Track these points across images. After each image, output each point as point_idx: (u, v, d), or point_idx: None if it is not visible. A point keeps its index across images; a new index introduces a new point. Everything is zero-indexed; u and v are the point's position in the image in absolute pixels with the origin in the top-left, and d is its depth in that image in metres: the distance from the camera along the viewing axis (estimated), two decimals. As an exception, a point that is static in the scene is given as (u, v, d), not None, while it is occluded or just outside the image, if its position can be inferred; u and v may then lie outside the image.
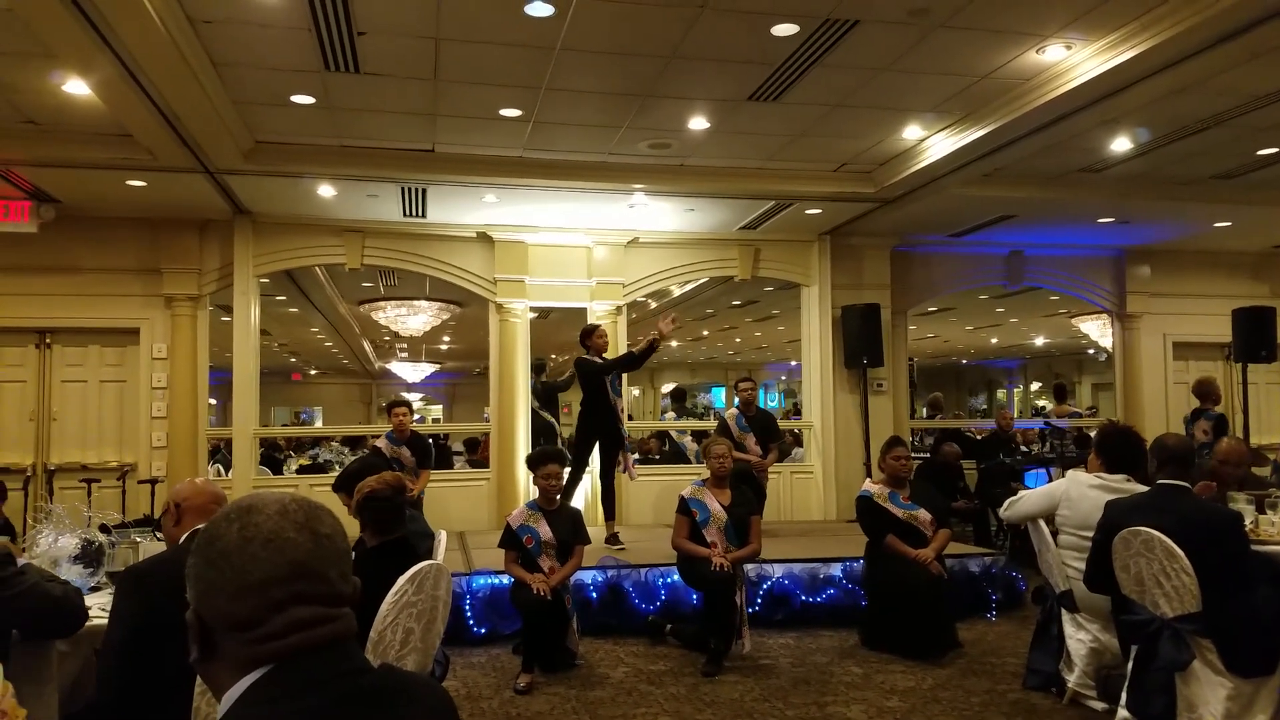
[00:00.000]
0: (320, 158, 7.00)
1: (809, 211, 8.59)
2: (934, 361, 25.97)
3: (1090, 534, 4.20)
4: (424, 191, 7.63)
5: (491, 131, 6.60)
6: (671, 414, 12.65)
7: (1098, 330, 14.42)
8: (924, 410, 12.75)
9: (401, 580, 3.12)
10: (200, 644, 1.06)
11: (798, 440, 10.82)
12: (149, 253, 8.40)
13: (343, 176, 7.21)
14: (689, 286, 12.86)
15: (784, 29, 5.05)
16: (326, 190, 7.56)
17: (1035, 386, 26.46)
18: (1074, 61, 5.48)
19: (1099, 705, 4.32)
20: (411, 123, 6.43)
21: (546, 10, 4.71)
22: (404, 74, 5.56)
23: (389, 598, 3.09)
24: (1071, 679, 4.46)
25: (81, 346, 8.52)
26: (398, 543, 3.60)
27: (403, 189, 7.55)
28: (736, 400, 8.06)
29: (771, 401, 25.82)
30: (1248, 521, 4.25)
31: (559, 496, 5.45)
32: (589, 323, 7.68)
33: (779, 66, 5.58)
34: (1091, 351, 21.16)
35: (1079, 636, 4.46)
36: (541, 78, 5.62)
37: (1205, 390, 8.01)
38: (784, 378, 27.71)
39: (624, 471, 7.18)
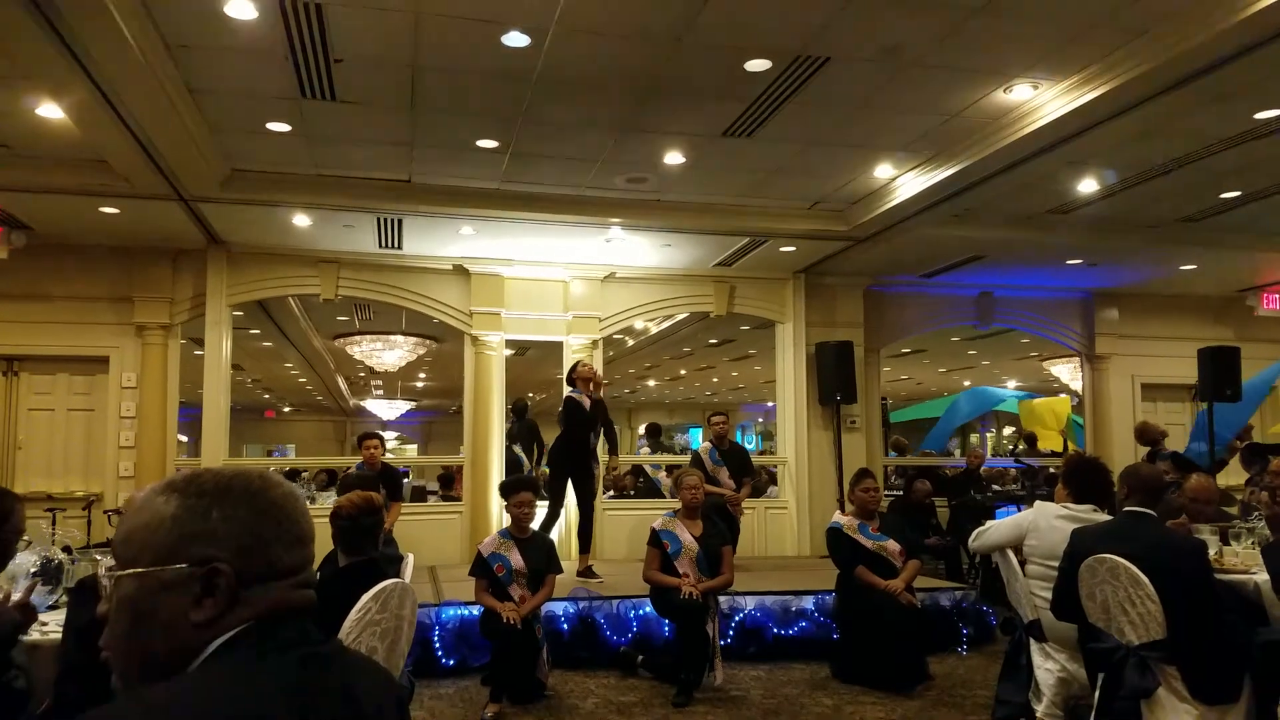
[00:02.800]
0: (296, 187, 7.01)
1: (783, 249, 8.68)
2: (908, 405, 26.13)
3: (1058, 563, 4.22)
4: (400, 223, 7.64)
5: (468, 163, 6.65)
6: (646, 449, 12.61)
7: (1069, 374, 14.59)
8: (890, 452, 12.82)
9: (365, 598, 3.08)
10: (220, 598, 1.04)
11: (773, 479, 10.82)
12: (121, 281, 8.33)
13: (318, 206, 7.21)
14: (666, 324, 12.93)
15: (757, 65, 5.15)
16: (302, 220, 7.56)
17: (1008, 431, 26.63)
18: (1040, 101, 5.62)
19: (1067, 736, 4.30)
20: (388, 153, 6.47)
21: (523, 41, 4.79)
22: (380, 103, 5.61)
23: (352, 615, 3.05)
24: (1040, 709, 4.43)
25: (50, 375, 8.41)
26: (367, 564, 3.53)
27: (379, 220, 7.56)
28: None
29: (749, 444, 25.83)
30: (1212, 552, 4.29)
31: (533, 527, 5.43)
32: (576, 359, 7.91)
33: (753, 102, 5.68)
34: (1063, 395, 21.37)
35: (1047, 666, 4.45)
36: (519, 109, 5.69)
37: (1147, 434, 8.13)
38: (761, 419, 27.75)
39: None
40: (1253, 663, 3.81)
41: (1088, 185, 7.21)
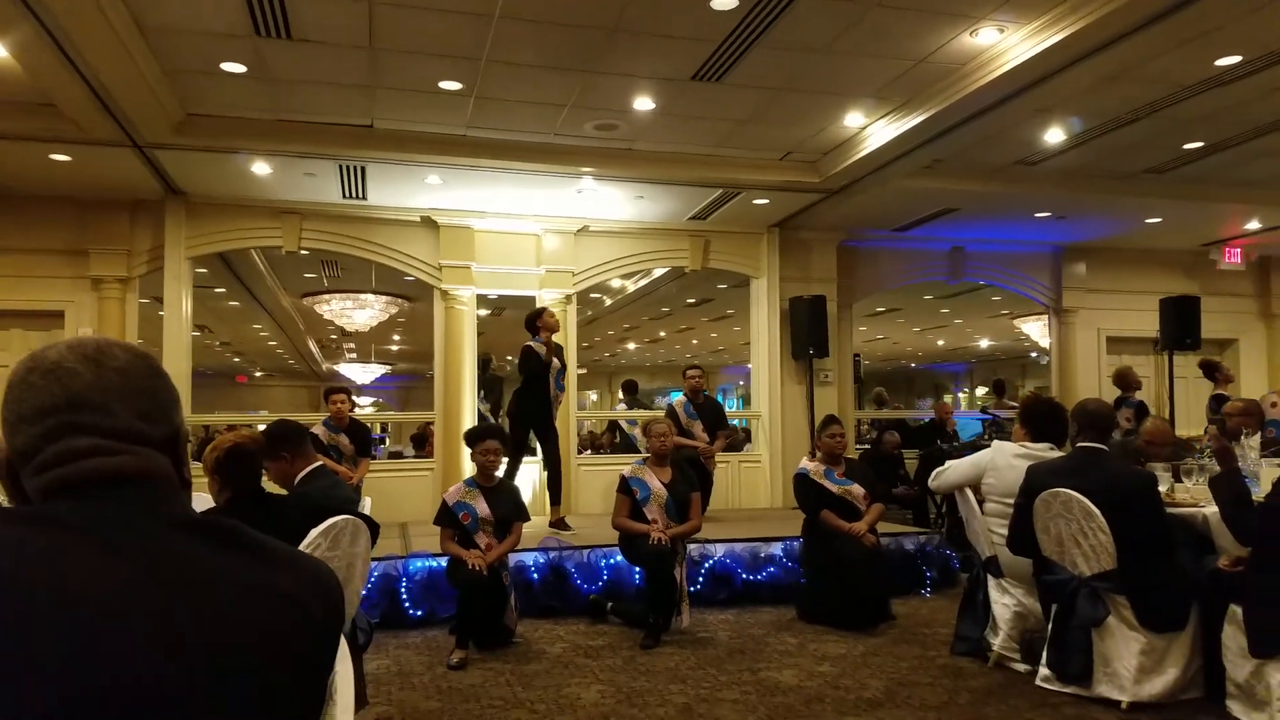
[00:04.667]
0: (254, 132, 6.83)
1: (757, 201, 8.63)
2: (884, 365, 26.35)
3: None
4: (363, 171, 7.49)
5: (432, 107, 6.51)
6: (622, 405, 12.61)
7: (1039, 331, 14.71)
8: (873, 404, 12.91)
9: (314, 533, 3.05)
10: (11, 486, 1.05)
11: (749, 435, 10.85)
12: (76, 233, 8.12)
13: (278, 153, 7.04)
14: (643, 282, 12.86)
15: (724, 2, 5.05)
16: (261, 168, 7.40)
17: (981, 391, 26.92)
18: (1007, 45, 5.57)
19: (1022, 667, 4.39)
20: (348, 95, 6.32)
21: (483, -26, 4.67)
22: (338, 41, 5.45)
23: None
24: (996, 643, 4.52)
25: (3, 330, 8.20)
26: (255, 496, 3.36)
27: (341, 167, 7.40)
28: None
29: (730, 406, 25.93)
30: (1164, 488, 4.36)
31: (498, 474, 5.41)
32: (541, 307, 7.69)
33: (721, 44, 5.59)
34: (1034, 355, 21.60)
35: (1004, 601, 4.53)
36: (481, 48, 5.56)
37: (1124, 379, 8.23)
38: (742, 382, 27.84)
39: None
40: (1199, 592, 3.89)
41: (1054, 135, 7.21)
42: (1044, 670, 4.09)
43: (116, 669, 0.86)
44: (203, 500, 4.37)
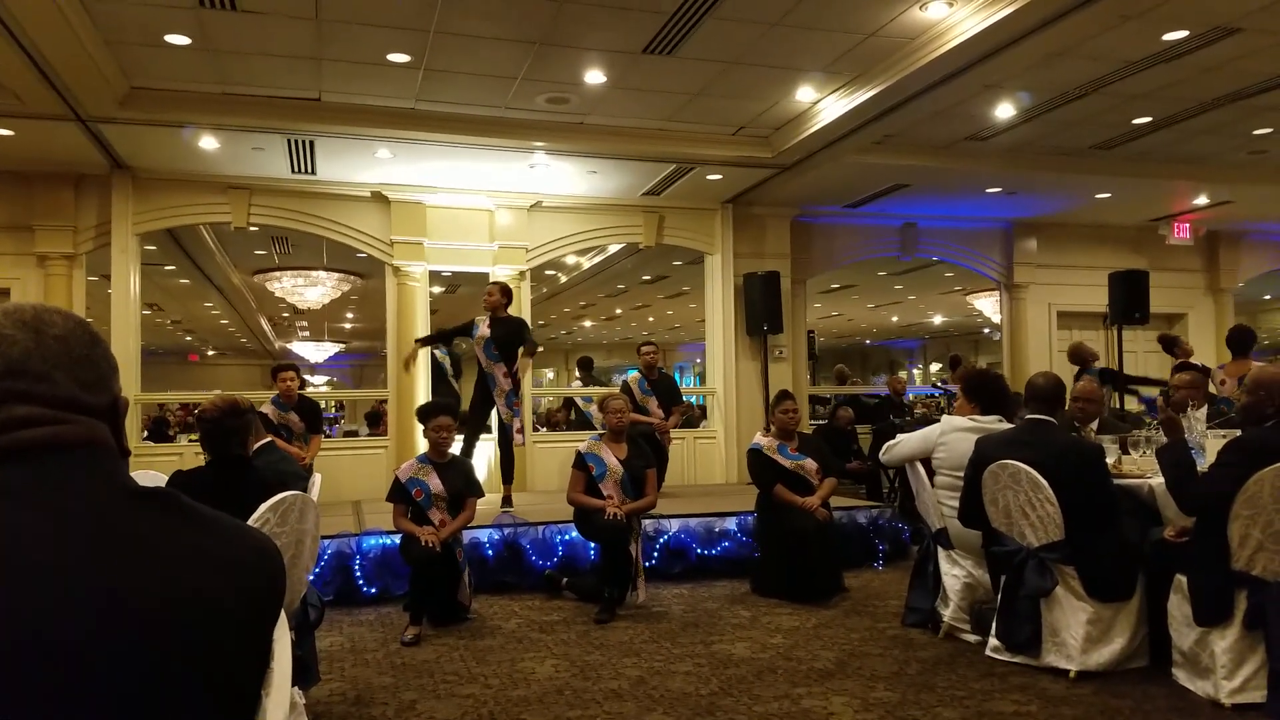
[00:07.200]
0: (200, 105, 6.66)
1: (710, 177, 8.62)
2: (839, 341, 26.59)
3: (964, 473, 4.33)
4: (312, 145, 7.34)
5: (380, 79, 6.39)
6: (578, 382, 12.59)
7: (991, 307, 14.93)
8: (835, 380, 13.03)
9: (263, 508, 3.01)
10: None
11: (704, 411, 10.90)
12: (20, 208, 7.92)
13: (224, 126, 6.88)
14: (598, 259, 12.81)
15: (673, -26, 5.02)
16: (209, 143, 7.22)
17: (935, 367, 27.30)
18: (956, 19, 5.60)
19: (972, 638, 4.44)
20: (295, 68, 6.18)
21: (429, -57, 4.58)
22: (283, 11, 5.32)
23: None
24: (946, 614, 4.59)
25: (-57, 308, 7.98)
26: (233, 460, 3.39)
27: (289, 141, 7.25)
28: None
29: (688, 384, 26.01)
30: (1111, 460, 4.44)
31: (451, 451, 5.37)
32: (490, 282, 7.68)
33: (672, 15, 5.54)
34: (987, 330, 21.95)
35: (953, 573, 4.60)
36: (429, 19, 5.46)
37: (1078, 354, 8.38)
38: (700, 360, 27.91)
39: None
40: (1145, 562, 3.98)
41: (1004, 110, 7.27)
42: (993, 640, 4.16)
43: (47, 625, 0.86)
44: (149, 479, 4.32)
